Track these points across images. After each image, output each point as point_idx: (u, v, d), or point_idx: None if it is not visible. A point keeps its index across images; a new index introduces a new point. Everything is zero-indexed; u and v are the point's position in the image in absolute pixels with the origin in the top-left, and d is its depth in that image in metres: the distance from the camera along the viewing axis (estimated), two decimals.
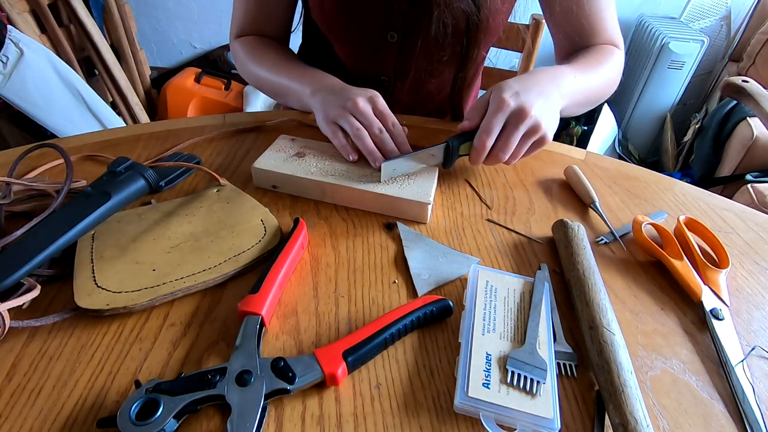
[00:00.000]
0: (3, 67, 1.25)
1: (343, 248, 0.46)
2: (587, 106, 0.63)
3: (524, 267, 0.46)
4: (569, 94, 0.54)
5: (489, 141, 0.48)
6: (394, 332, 0.36)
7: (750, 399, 0.35)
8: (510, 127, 0.48)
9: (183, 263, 0.41)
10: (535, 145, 0.51)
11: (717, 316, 0.40)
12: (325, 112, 0.54)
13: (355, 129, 0.51)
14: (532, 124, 0.48)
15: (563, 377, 0.36)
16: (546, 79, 0.52)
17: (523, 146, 0.50)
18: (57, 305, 0.39)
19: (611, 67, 0.62)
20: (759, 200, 1.28)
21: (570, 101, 0.55)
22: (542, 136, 0.49)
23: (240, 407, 0.30)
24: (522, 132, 0.48)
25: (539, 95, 0.49)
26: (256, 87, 0.70)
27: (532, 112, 0.48)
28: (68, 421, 0.31)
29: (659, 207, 0.55)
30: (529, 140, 0.50)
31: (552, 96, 0.51)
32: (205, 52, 2.06)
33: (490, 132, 0.48)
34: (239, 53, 0.69)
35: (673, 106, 1.93)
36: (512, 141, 0.49)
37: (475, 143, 0.49)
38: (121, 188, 0.45)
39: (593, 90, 0.60)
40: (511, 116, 0.48)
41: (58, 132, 1.39)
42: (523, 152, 0.51)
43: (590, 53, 0.63)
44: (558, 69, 0.55)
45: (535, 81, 0.51)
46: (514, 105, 0.48)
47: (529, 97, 0.48)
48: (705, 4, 1.90)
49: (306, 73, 0.61)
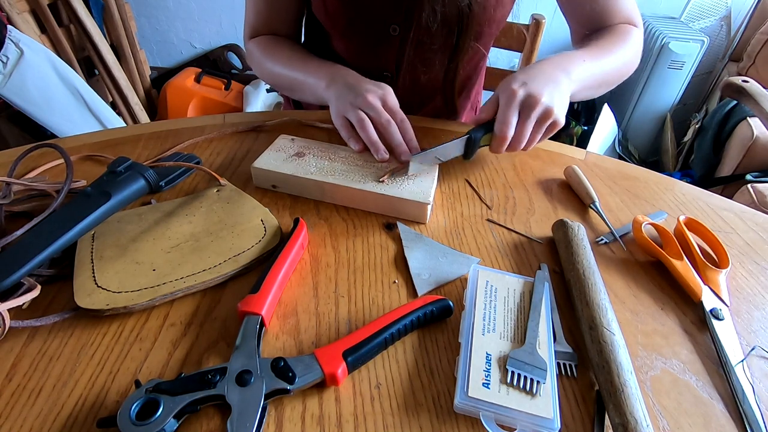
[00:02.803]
0: (3, 67, 1.25)
1: (343, 248, 0.46)
2: (604, 87, 0.63)
3: (524, 267, 0.46)
4: (579, 79, 0.55)
5: (509, 131, 0.50)
6: (394, 332, 0.36)
7: (750, 399, 0.35)
8: (522, 117, 0.50)
9: (183, 263, 0.41)
10: (549, 129, 0.53)
11: (717, 316, 0.40)
12: (337, 107, 0.55)
13: (359, 120, 0.52)
14: (543, 110, 0.50)
15: (563, 377, 0.36)
16: (551, 66, 0.54)
17: (538, 132, 0.52)
18: (57, 305, 0.39)
19: (628, 47, 0.62)
20: (759, 200, 1.28)
21: (581, 85, 0.56)
22: (554, 120, 0.51)
23: (240, 407, 0.30)
24: (534, 119, 0.50)
25: (547, 81, 0.51)
26: (272, 84, 0.71)
27: (543, 99, 0.49)
28: (68, 421, 0.31)
29: (659, 207, 0.55)
30: (542, 126, 0.51)
31: (560, 81, 0.52)
32: (205, 52, 2.06)
33: (509, 122, 0.50)
34: (255, 53, 0.70)
35: (673, 106, 1.93)
36: (527, 129, 0.50)
37: (497, 133, 0.50)
38: (121, 188, 0.45)
39: (608, 72, 0.61)
40: (522, 105, 0.50)
41: (58, 132, 1.39)
42: (538, 138, 0.52)
43: (604, 35, 0.63)
44: (566, 55, 0.56)
45: (541, 69, 0.53)
46: (523, 94, 0.50)
47: (536, 84, 0.50)
48: (705, 4, 1.90)
49: (321, 67, 0.62)
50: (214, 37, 2.03)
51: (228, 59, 2.05)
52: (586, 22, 0.66)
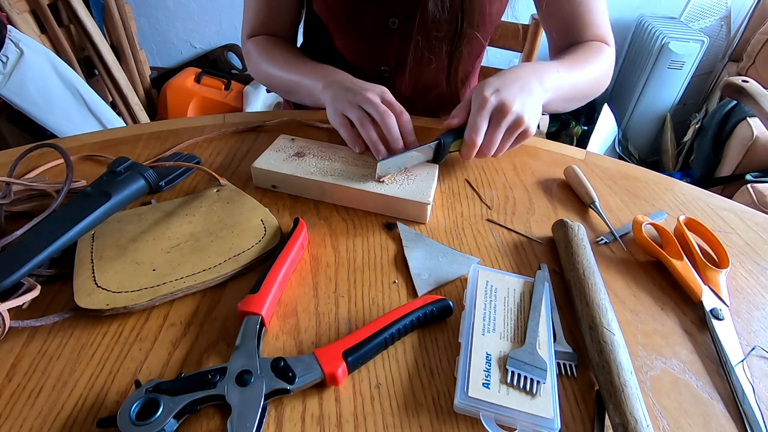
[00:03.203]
0: (3, 67, 1.25)
1: (343, 248, 0.46)
2: (574, 102, 0.64)
3: (524, 267, 0.46)
4: (552, 88, 0.55)
5: (478, 138, 0.50)
6: (394, 332, 0.36)
7: (750, 399, 0.35)
8: (493, 124, 0.50)
9: (183, 263, 0.41)
10: (519, 138, 0.53)
11: (717, 316, 0.40)
12: (334, 106, 0.55)
13: (360, 119, 0.52)
14: (513, 119, 0.50)
15: (563, 377, 0.36)
16: (527, 73, 0.53)
17: (507, 141, 0.52)
18: (57, 305, 0.39)
19: (599, 64, 0.63)
20: (759, 200, 1.28)
21: (554, 95, 0.56)
22: (525, 129, 0.51)
23: (240, 407, 0.30)
24: (504, 128, 0.50)
25: (520, 90, 0.50)
26: (268, 86, 0.71)
27: (514, 108, 0.49)
28: (68, 421, 0.31)
29: (659, 207, 0.55)
30: (512, 134, 0.51)
31: (534, 90, 0.52)
32: (205, 52, 2.06)
33: (478, 130, 0.49)
34: (252, 54, 0.70)
35: (673, 106, 1.93)
36: (496, 137, 0.50)
37: (466, 140, 0.50)
38: (121, 188, 0.45)
39: (580, 86, 0.61)
40: (493, 113, 0.50)
41: (58, 132, 1.39)
42: (507, 146, 0.52)
43: (579, 50, 0.63)
44: (542, 64, 0.56)
45: (517, 76, 0.52)
46: (495, 102, 0.49)
47: (509, 92, 0.50)
48: (705, 4, 1.90)
49: (317, 69, 0.62)
50: (214, 37, 2.04)
51: (228, 59, 2.05)
52: (562, 31, 0.67)
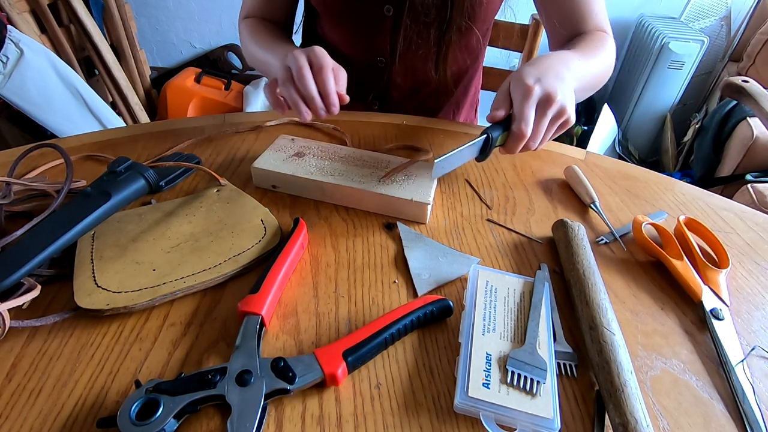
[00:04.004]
0: (3, 67, 1.25)
1: (343, 248, 0.46)
2: (590, 91, 0.63)
3: (524, 267, 0.46)
4: (578, 77, 0.54)
5: (528, 129, 0.48)
6: (394, 332, 0.36)
7: (750, 399, 0.35)
8: (539, 114, 0.48)
9: (183, 263, 0.41)
10: (561, 127, 0.51)
11: (717, 316, 0.40)
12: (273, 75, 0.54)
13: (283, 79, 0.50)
14: (558, 108, 0.48)
15: (563, 377, 0.36)
16: (557, 62, 0.52)
17: (551, 130, 0.50)
18: (57, 305, 0.39)
19: (607, 54, 0.63)
20: (759, 200, 1.28)
21: (579, 84, 0.55)
22: (567, 118, 0.50)
23: (240, 407, 0.30)
24: (550, 117, 0.49)
25: (557, 79, 0.49)
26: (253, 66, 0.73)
27: (558, 97, 0.48)
28: (68, 421, 0.31)
29: (659, 207, 0.55)
30: (556, 123, 0.50)
31: (567, 78, 0.51)
32: (205, 52, 2.06)
33: (528, 120, 0.48)
34: (243, 33, 0.72)
35: (673, 106, 1.93)
36: (542, 127, 0.49)
37: (515, 131, 0.48)
38: (121, 188, 0.45)
39: (595, 75, 0.60)
40: (539, 102, 0.48)
41: (58, 132, 1.39)
42: (550, 136, 0.51)
43: (585, 40, 0.63)
44: (564, 53, 0.55)
45: (549, 65, 0.51)
46: (540, 91, 0.48)
47: (550, 81, 0.48)
48: (705, 4, 1.90)
49: (286, 49, 0.61)
50: (214, 37, 2.03)
51: (228, 59, 2.05)
52: (562, 23, 0.66)
